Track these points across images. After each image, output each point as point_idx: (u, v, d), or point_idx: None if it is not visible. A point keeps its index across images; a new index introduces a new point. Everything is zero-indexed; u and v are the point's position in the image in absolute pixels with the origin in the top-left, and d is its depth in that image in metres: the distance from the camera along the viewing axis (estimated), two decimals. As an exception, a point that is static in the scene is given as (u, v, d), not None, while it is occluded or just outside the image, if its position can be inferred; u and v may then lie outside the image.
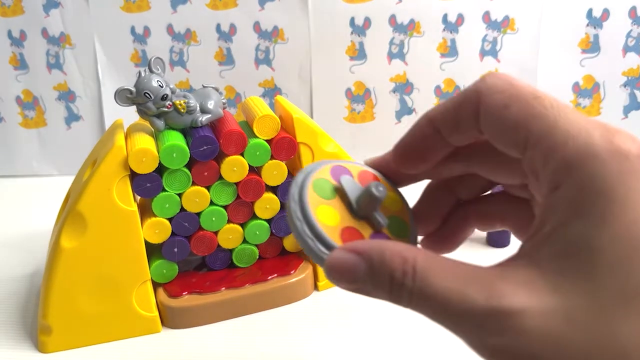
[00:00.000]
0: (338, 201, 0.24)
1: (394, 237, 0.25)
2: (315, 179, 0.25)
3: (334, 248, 0.22)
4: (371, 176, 0.27)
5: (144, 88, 0.52)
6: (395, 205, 0.26)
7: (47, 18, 0.91)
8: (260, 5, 0.87)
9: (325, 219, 0.23)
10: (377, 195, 0.24)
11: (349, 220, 0.24)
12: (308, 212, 0.23)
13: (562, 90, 0.87)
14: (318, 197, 0.24)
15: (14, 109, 0.96)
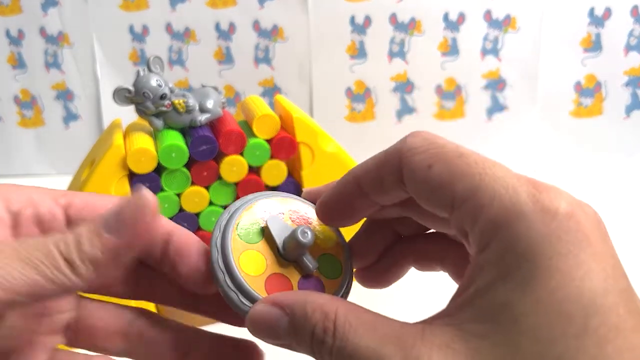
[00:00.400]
0: (265, 244, 0.23)
1: (325, 279, 0.23)
2: (241, 220, 0.23)
3: (257, 301, 0.21)
4: (303, 215, 0.25)
5: (143, 87, 0.51)
6: (328, 242, 0.25)
7: (45, 17, 0.90)
8: (260, 3, 0.86)
9: (249, 267, 0.22)
10: (303, 242, 0.22)
11: (276, 266, 0.23)
12: (230, 262, 0.22)
13: (563, 90, 0.87)
14: (242, 242, 0.22)
15: (12, 109, 0.96)
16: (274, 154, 0.56)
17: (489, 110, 0.88)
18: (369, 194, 0.22)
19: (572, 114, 0.88)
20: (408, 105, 0.89)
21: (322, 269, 0.24)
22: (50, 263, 0.19)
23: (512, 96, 0.87)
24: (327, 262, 0.24)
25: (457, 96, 0.88)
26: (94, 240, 0.19)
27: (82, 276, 0.19)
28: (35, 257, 0.19)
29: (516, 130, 0.88)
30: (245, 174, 0.56)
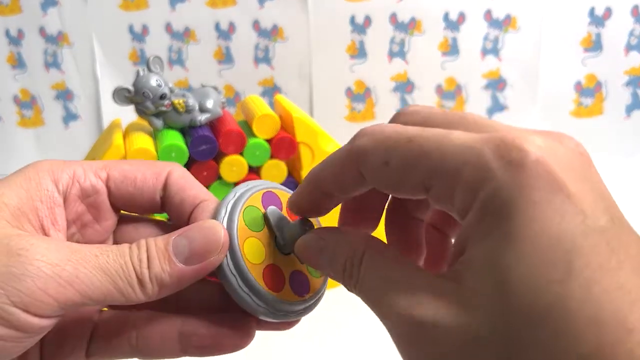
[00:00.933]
0: (265, 234, 0.23)
1: (310, 276, 0.24)
2: (248, 205, 0.23)
3: (255, 289, 0.22)
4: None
5: (143, 87, 0.51)
6: None
7: (45, 17, 0.90)
8: (260, 3, 0.86)
9: (251, 255, 0.22)
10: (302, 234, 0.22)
11: (273, 257, 0.23)
12: (235, 246, 0.22)
13: (563, 90, 0.87)
14: (247, 228, 0.23)
15: (12, 108, 0.96)
16: (274, 154, 0.56)
17: (489, 110, 0.88)
18: (335, 195, 0.22)
19: (572, 113, 0.88)
20: (408, 105, 0.89)
21: (309, 266, 0.24)
22: (126, 278, 0.20)
23: (512, 96, 0.87)
24: None
25: (458, 96, 0.88)
26: (164, 264, 0.21)
27: (147, 294, 0.21)
28: (114, 269, 0.20)
29: (516, 130, 0.88)
30: (245, 173, 0.55)
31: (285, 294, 0.22)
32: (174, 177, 0.24)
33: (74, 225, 0.23)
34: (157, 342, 0.23)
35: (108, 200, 0.24)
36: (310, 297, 0.23)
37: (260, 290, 0.22)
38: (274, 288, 0.22)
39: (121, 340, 0.23)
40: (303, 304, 0.23)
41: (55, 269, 0.19)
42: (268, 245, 0.23)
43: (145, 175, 0.23)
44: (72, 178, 0.23)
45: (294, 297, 0.23)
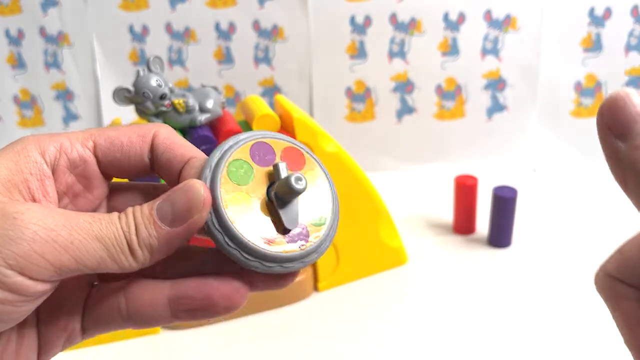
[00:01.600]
0: (255, 186, 0.23)
1: (311, 225, 0.23)
2: (233, 159, 0.23)
3: (243, 243, 0.22)
4: (296, 157, 0.25)
5: (143, 87, 0.51)
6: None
7: (45, 17, 0.90)
8: (260, 3, 0.86)
9: (236, 210, 0.22)
10: (296, 189, 0.22)
11: (265, 210, 0.23)
12: (218, 203, 0.22)
13: (563, 90, 0.87)
14: (232, 183, 0.22)
15: (12, 109, 0.96)
16: (274, 154, 0.56)
17: (489, 110, 0.88)
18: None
19: (572, 113, 0.88)
20: (408, 105, 0.89)
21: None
22: (118, 245, 0.21)
23: (512, 96, 0.87)
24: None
25: (457, 96, 0.88)
26: (151, 229, 0.21)
27: (139, 260, 0.21)
28: (107, 237, 0.20)
29: (516, 130, 0.88)
30: (245, 174, 0.55)
31: (277, 246, 0.22)
32: (160, 138, 0.24)
33: (66, 196, 0.23)
34: (146, 308, 0.22)
35: (97, 168, 0.24)
36: (309, 248, 0.23)
37: (247, 244, 0.22)
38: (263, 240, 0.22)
39: (111, 310, 0.23)
40: (299, 254, 0.22)
41: (51, 233, 0.19)
42: (258, 198, 0.23)
43: (132, 139, 0.24)
44: (59, 150, 0.23)
45: (288, 248, 0.22)
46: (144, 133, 0.24)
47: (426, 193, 0.83)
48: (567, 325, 0.54)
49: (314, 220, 0.23)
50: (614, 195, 0.80)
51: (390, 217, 0.64)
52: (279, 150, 0.24)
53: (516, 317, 0.56)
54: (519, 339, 0.52)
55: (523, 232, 0.69)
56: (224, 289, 0.22)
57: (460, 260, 0.65)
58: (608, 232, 0.70)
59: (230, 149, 0.23)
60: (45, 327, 0.23)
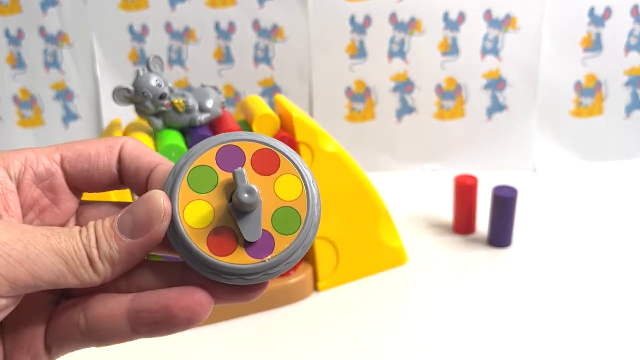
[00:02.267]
0: (217, 195, 0.22)
1: (277, 235, 0.22)
2: (195, 166, 0.22)
3: (195, 254, 0.21)
4: (268, 160, 0.23)
5: (143, 87, 0.51)
6: (292, 192, 0.23)
7: (45, 17, 0.90)
8: (260, 3, 0.86)
9: (194, 219, 0.22)
10: (244, 202, 0.21)
11: (223, 220, 0.22)
12: (175, 212, 0.21)
13: (563, 90, 0.87)
14: (192, 191, 0.22)
15: (12, 109, 0.96)
16: (274, 154, 0.56)
17: (489, 110, 0.88)
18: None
19: (572, 113, 0.88)
20: (408, 105, 0.89)
21: (277, 224, 0.22)
22: (78, 259, 0.20)
23: (513, 96, 0.87)
24: (285, 216, 0.22)
25: (457, 96, 0.88)
26: (112, 242, 0.21)
27: (100, 274, 0.21)
28: (66, 251, 0.20)
29: (516, 130, 0.88)
30: (245, 174, 0.55)
31: (235, 257, 0.21)
32: (128, 148, 0.24)
33: (32, 211, 0.23)
34: (105, 323, 0.22)
35: (65, 181, 0.24)
36: (273, 259, 0.21)
37: (200, 254, 0.21)
38: (220, 252, 0.21)
39: (72, 327, 0.22)
40: (261, 266, 0.21)
41: (5, 248, 0.19)
42: (219, 207, 0.22)
43: (99, 150, 0.23)
44: (24, 164, 0.23)
45: (248, 260, 0.21)
46: (112, 144, 0.24)
47: (426, 193, 0.83)
48: (567, 326, 0.54)
49: (284, 228, 0.22)
50: (614, 195, 0.80)
51: (390, 217, 0.64)
52: (250, 154, 0.23)
53: (516, 317, 0.56)
54: (519, 339, 0.52)
55: (523, 232, 0.69)
56: (184, 301, 0.21)
57: (460, 261, 0.65)
58: (608, 232, 0.70)
59: (197, 153, 0.22)
60: (9, 347, 0.23)
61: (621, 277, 0.61)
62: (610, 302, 0.57)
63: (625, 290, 0.59)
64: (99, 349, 0.43)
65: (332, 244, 0.60)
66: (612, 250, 0.66)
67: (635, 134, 0.88)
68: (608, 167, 0.88)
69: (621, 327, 0.53)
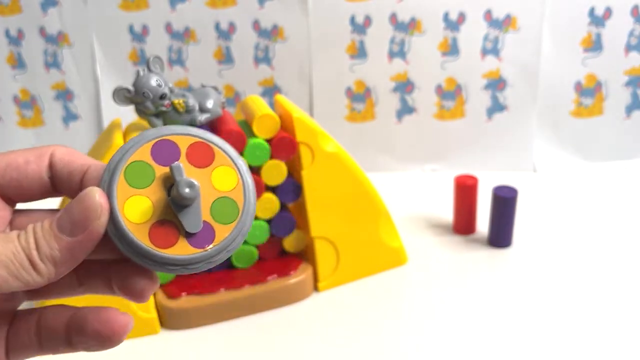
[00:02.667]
0: (155, 189, 0.23)
1: (217, 224, 0.23)
2: (131, 162, 0.22)
3: (138, 248, 0.22)
4: (203, 153, 0.24)
5: (143, 87, 0.51)
6: (228, 183, 0.24)
7: (45, 17, 0.90)
8: (260, 3, 0.86)
9: (134, 214, 0.22)
10: (184, 195, 0.22)
11: (164, 213, 0.22)
12: (114, 208, 0.22)
13: (563, 90, 0.87)
14: (129, 186, 0.22)
15: (12, 109, 0.96)
16: (274, 154, 0.56)
17: (489, 110, 0.88)
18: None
19: (572, 113, 0.88)
20: (408, 105, 0.89)
21: (216, 214, 0.23)
22: (18, 262, 0.21)
23: (513, 96, 0.87)
24: (223, 206, 0.23)
25: (457, 96, 0.88)
26: (51, 242, 0.21)
27: (43, 274, 0.21)
28: (4, 255, 0.20)
29: (516, 130, 0.88)
30: (245, 174, 0.55)
31: (178, 249, 0.22)
32: (59, 154, 0.24)
33: None
34: (50, 334, 0.23)
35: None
36: (215, 248, 0.22)
37: (142, 248, 0.22)
38: (162, 244, 0.22)
39: (25, 336, 0.23)
40: (202, 255, 0.22)
41: None
42: (158, 201, 0.22)
43: (28, 158, 0.23)
44: None
45: (191, 250, 0.22)
46: (42, 152, 0.24)
47: (426, 193, 0.83)
48: (567, 325, 0.54)
49: (222, 218, 0.23)
50: (614, 195, 0.80)
51: (390, 217, 0.64)
52: (185, 147, 0.23)
53: (516, 317, 0.56)
54: (519, 339, 0.52)
55: (523, 232, 0.69)
56: (110, 324, 0.22)
57: (460, 261, 0.65)
58: (608, 232, 0.70)
59: (131, 149, 0.23)
60: None
61: (621, 277, 0.61)
62: (610, 302, 0.57)
63: (625, 290, 0.59)
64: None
65: (332, 244, 0.60)
66: (612, 250, 0.66)
67: (635, 134, 0.88)
68: (608, 167, 0.88)
69: (621, 327, 0.53)
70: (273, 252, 0.61)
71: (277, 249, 0.61)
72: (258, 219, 0.58)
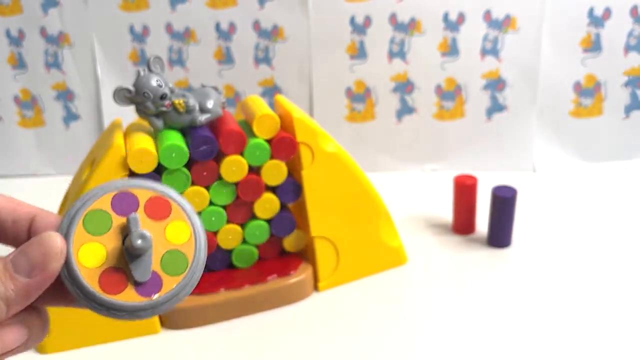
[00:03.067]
0: (110, 237, 0.24)
1: (165, 275, 0.24)
2: (91, 210, 0.24)
3: (87, 291, 0.23)
4: (161, 206, 0.26)
5: (143, 87, 0.51)
6: (181, 236, 0.25)
7: (45, 17, 0.90)
8: (260, 4, 0.86)
9: (88, 259, 0.23)
10: (136, 247, 0.23)
11: (116, 260, 0.24)
12: (69, 253, 0.23)
13: (563, 90, 0.87)
14: (86, 233, 0.24)
15: (12, 109, 0.96)
16: (274, 154, 0.56)
17: (488, 111, 0.88)
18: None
19: (571, 114, 0.88)
20: (408, 105, 0.89)
21: (165, 265, 0.24)
22: None
23: (512, 96, 0.87)
24: (174, 258, 0.25)
25: (457, 96, 0.88)
26: (7, 282, 0.22)
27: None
28: None
29: (516, 130, 0.88)
30: (245, 174, 0.56)
31: (125, 295, 0.23)
32: (1, 202, 0.25)
33: None
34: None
35: None
36: (161, 298, 0.24)
37: (90, 292, 0.23)
38: (110, 290, 0.23)
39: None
40: (148, 304, 0.24)
41: None
42: (113, 248, 0.24)
43: None
44: None
45: (137, 298, 0.23)
46: None
47: (426, 193, 0.83)
48: (567, 325, 0.54)
49: (172, 269, 0.24)
50: (613, 195, 0.80)
51: (390, 217, 0.64)
52: (144, 200, 0.25)
53: (515, 317, 0.56)
54: (519, 339, 0.53)
55: (523, 232, 0.70)
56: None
57: (459, 260, 0.66)
58: (607, 232, 0.70)
59: (93, 197, 0.24)
60: None
61: (620, 277, 0.61)
62: (609, 302, 0.57)
63: (624, 290, 0.59)
64: (98, 349, 0.44)
65: (332, 243, 0.60)
66: (611, 250, 0.66)
67: (634, 134, 0.88)
68: (607, 167, 0.88)
69: (620, 327, 0.53)
70: (273, 252, 0.61)
71: (277, 249, 0.61)
72: (258, 218, 0.58)
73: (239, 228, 0.58)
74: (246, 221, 0.59)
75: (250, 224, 0.58)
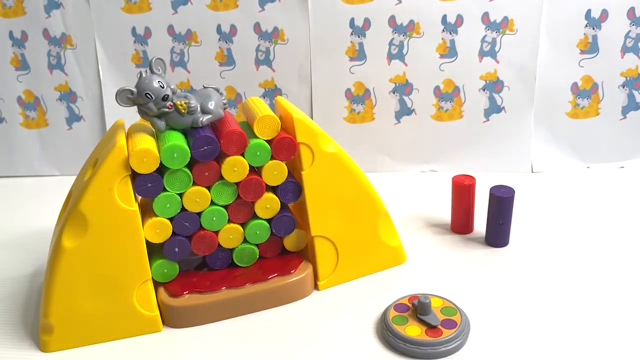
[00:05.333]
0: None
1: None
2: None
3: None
4: None
5: (145, 89, 0.52)
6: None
7: (48, 19, 0.91)
8: (261, 6, 0.87)
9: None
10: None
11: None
12: None
13: (560, 91, 0.88)
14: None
15: (15, 110, 0.96)
16: (275, 155, 0.57)
17: (486, 112, 0.89)
18: None
19: (568, 115, 0.89)
20: (407, 106, 0.90)
21: None
22: None
23: (510, 97, 0.88)
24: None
25: (455, 97, 0.89)
26: None
27: None
28: None
29: (513, 131, 0.89)
30: (246, 174, 0.56)
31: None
32: None
33: None
34: None
35: None
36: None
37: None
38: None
39: None
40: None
41: None
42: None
43: None
44: None
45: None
46: None
47: (424, 193, 0.84)
48: (564, 325, 0.55)
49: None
50: (611, 196, 0.80)
51: (389, 217, 0.64)
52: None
53: (514, 316, 0.56)
54: (517, 339, 0.53)
55: (520, 231, 0.70)
56: None
57: (457, 260, 0.66)
58: (604, 233, 0.71)
59: None
60: None
61: (617, 278, 0.62)
62: (606, 303, 0.58)
63: (621, 290, 0.59)
64: (99, 348, 0.44)
65: (332, 243, 0.61)
66: (608, 250, 0.67)
67: (631, 134, 0.88)
68: (604, 167, 0.89)
69: (618, 327, 0.54)
70: (274, 251, 0.62)
71: (277, 248, 0.62)
72: (259, 218, 0.59)
73: (240, 227, 0.59)
74: (247, 221, 0.59)
75: (251, 224, 0.59)
